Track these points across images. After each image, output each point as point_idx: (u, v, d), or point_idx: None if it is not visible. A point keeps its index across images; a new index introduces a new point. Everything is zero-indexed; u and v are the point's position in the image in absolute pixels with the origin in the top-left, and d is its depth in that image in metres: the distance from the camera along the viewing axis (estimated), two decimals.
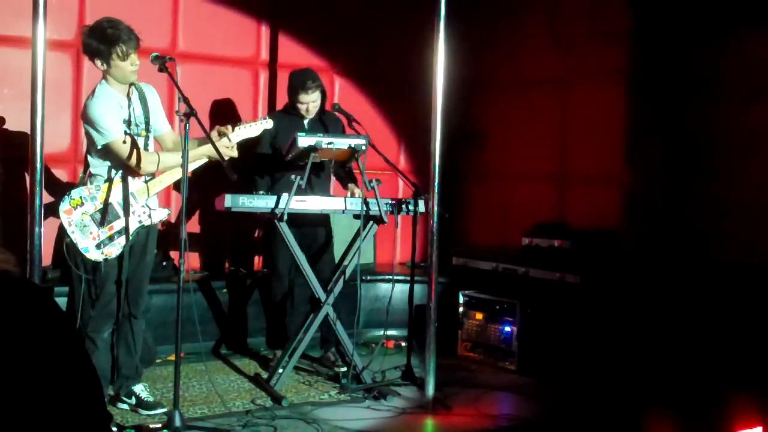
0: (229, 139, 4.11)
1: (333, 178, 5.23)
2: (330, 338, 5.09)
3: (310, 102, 4.90)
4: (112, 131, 3.86)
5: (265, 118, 4.39)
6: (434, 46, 4.26)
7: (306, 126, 4.97)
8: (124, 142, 3.86)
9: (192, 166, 4.04)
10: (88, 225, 3.88)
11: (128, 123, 3.93)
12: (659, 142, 5.51)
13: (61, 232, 3.95)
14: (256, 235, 5.87)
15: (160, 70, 3.83)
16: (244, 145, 4.31)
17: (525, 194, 6.32)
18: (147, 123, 4.05)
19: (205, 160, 4.10)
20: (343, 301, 4.95)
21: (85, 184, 3.96)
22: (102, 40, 3.82)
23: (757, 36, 5.03)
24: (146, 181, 4.01)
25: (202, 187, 4.84)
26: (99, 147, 3.89)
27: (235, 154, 4.12)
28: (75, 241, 3.86)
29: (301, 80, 4.89)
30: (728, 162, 5.18)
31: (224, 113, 5.75)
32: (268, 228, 5.16)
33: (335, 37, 6.35)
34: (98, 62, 3.89)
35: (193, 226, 5.69)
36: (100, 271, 3.90)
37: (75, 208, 3.87)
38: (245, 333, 5.48)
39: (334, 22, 6.34)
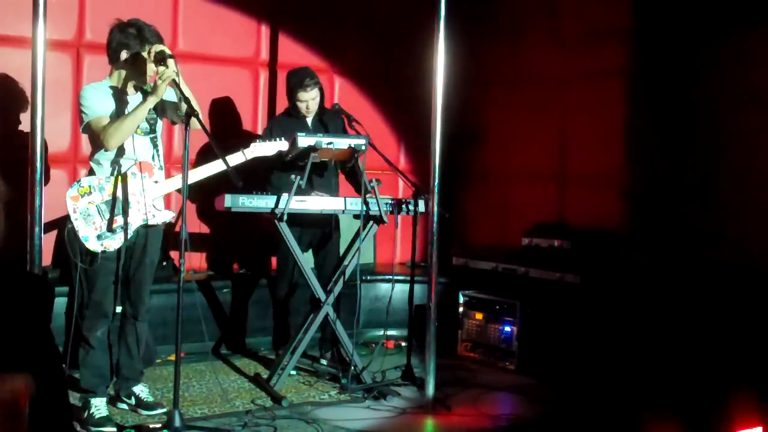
0: (244, 155, 4.18)
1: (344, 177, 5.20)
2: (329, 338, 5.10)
3: (310, 99, 4.91)
4: (94, 109, 3.89)
5: (280, 138, 4.41)
6: (434, 46, 4.26)
7: (310, 126, 4.98)
8: (103, 117, 3.88)
9: (199, 176, 4.09)
10: (92, 215, 3.88)
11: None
12: (659, 142, 5.51)
13: (63, 221, 3.95)
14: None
15: (158, 65, 3.83)
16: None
17: (525, 194, 6.32)
18: (150, 123, 4.04)
19: (213, 173, 4.12)
20: (343, 301, 4.96)
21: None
22: (136, 36, 3.89)
23: (758, 36, 5.03)
24: (156, 181, 4.01)
25: (212, 186, 4.80)
26: (83, 128, 3.93)
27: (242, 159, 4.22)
28: (77, 229, 3.85)
29: (299, 78, 4.90)
30: (728, 162, 5.18)
31: (224, 113, 5.76)
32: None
33: (335, 37, 6.35)
34: (124, 53, 3.93)
35: (202, 226, 5.71)
36: (95, 263, 3.90)
37: (82, 196, 3.88)
38: (245, 333, 5.48)
39: (334, 22, 6.34)
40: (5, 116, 4.94)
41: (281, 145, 4.40)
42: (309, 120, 5.00)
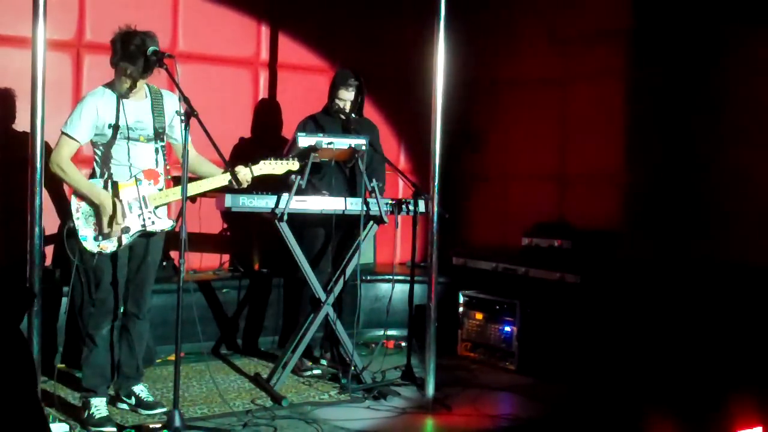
0: (252, 172, 4.15)
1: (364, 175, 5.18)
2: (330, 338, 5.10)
3: (349, 100, 4.95)
4: (73, 125, 3.90)
5: (292, 158, 4.37)
6: (434, 46, 4.26)
7: (341, 129, 4.97)
8: (71, 141, 3.89)
9: (203, 189, 4.08)
10: (93, 216, 3.89)
11: (115, 127, 3.91)
12: (659, 141, 5.51)
13: (65, 217, 3.95)
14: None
15: (158, 65, 3.83)
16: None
17: (525, 194, 6.32)
18: (158, 131, 4.02)
19: (217, 186, 4.11)
20: (344, 302, 4.96)
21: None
22: (137, 49, 3.84)
23: (758, 35, 5.03)
24: (160, 189, 4.00)
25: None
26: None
27: (249, 178, 4.16)
28: (77, 228, 3.87)
29: (344, 76, 4.98)
30: (728, 162, 5.18)
31: (224, 113, 5.75)
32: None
33: (335, 37, 6.36)
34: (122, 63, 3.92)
35: (223, 224, 5.75)
36: (91, 262, 3.91)
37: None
38: (250, 332, 5.49)
39: (334, 23, 6.35)
40: (5, 116, 4.94)
41: (291, 164, 4.32)
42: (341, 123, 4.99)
